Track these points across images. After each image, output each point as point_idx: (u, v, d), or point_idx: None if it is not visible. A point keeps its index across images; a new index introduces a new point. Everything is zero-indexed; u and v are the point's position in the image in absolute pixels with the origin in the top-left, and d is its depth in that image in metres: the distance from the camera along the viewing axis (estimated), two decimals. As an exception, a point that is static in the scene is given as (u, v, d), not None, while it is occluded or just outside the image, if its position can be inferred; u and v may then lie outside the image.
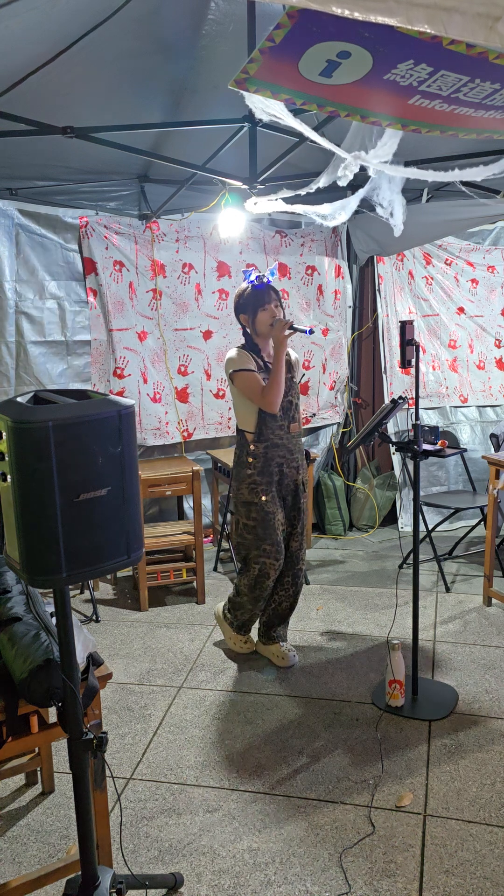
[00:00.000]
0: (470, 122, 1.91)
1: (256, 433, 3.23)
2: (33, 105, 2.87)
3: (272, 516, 3.25)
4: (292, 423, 3.29)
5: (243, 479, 3.26)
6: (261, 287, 3.21)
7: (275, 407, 3.16)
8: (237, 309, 3.29)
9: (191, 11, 2.58)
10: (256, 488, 3.24)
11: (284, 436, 3.26)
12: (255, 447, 3.23)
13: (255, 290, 3.21)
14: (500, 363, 5.57)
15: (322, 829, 2.41)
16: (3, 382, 4.27)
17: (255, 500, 3.24)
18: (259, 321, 3.21)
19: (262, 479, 3.24)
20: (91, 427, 1.53)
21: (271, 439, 3.23)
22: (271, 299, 3.20)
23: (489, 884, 2.16)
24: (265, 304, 3.19)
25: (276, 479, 3.27)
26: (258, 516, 3.24)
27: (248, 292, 3.23)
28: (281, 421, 3.24)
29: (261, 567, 3.28)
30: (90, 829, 1.78)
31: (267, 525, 3.24)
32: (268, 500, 3.24)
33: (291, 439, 3.30)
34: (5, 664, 1.88)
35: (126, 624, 3.98)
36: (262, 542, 3.25)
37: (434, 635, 3.73)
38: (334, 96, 1.76)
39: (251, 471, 3.24)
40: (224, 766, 2.74)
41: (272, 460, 3.24)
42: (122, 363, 4.64)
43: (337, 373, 5.45)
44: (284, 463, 3.28)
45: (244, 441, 3.28)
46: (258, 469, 3.23)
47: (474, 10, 1.16)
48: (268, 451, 3.24)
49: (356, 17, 1.20)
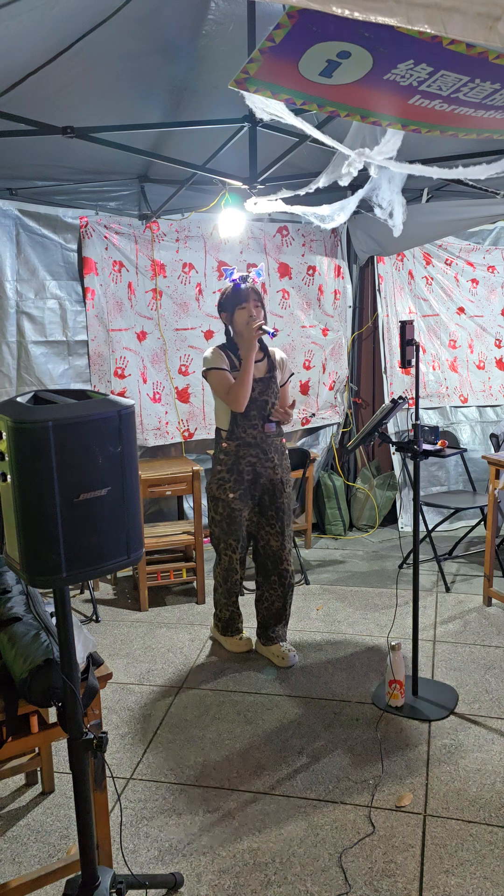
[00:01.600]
0: (470, 122, 1.91)
1: (229, 431, 3.31)
2: (33, 105, 2.87)
3: (238, 513, 3.34)
4: (267, 424, 3.33)
5: (214, 475, 3.37)
6: (241, 286, 3.24)
7: (239, 406, 3.21)
8: (218, 307, 3.37)
9: (191, 11, 2.58)
10: (224, 485, 3.32)
11: (258, 435, 3.31)
12: (227, 445, 3.32)
13: (234, 289, 3.26)
14: (500, 363, 5.57)
15: (322, 829, 2.41)
16: (5, 383, 4.27)
17: (222, 497, 3.33)
18: (236, 320, 3.26)
19: (231, 476, 3.31)
20: (91, 427, 1.53)
21: (243, 438, 3.29)
22: (249, 299, 3.23)
23: (489, 884, 2.16)
24: (243, 303, 3.23)
25: (249, 479, 3.33)
26: (224, 512, 3.34)
27: (228, 291, 3.28)
28: (254, 420, 3.29)
29: (228, 560, 3.42)
30: (90, 829, 1.78)
31: (232, 521, 3.34)
32: (234, 497, 3.32)
33: (266, 439, 3.33)
34: (5, 664, 1.88)
35: (126, 624, 3.98)
36: (228, 536, 3.38)
37: (434, 635, 3.73)
38: (334, 96, 1.76)
39: (221, 467, 3.34)
40: (224, 766, 2.74)
41: (242, 459, 3.30)
42: (123, 363, 4.64)
43: (337, 373, 5.45)
44: (257, 462, 3.32)
45: (219, 438, 3.38)
46: (227, 466, 3.32)
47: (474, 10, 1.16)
48: (239, 450, 3.30)
49: (356, 17, 1.20)
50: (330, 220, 3.27)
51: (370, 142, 2.34)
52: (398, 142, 2.27)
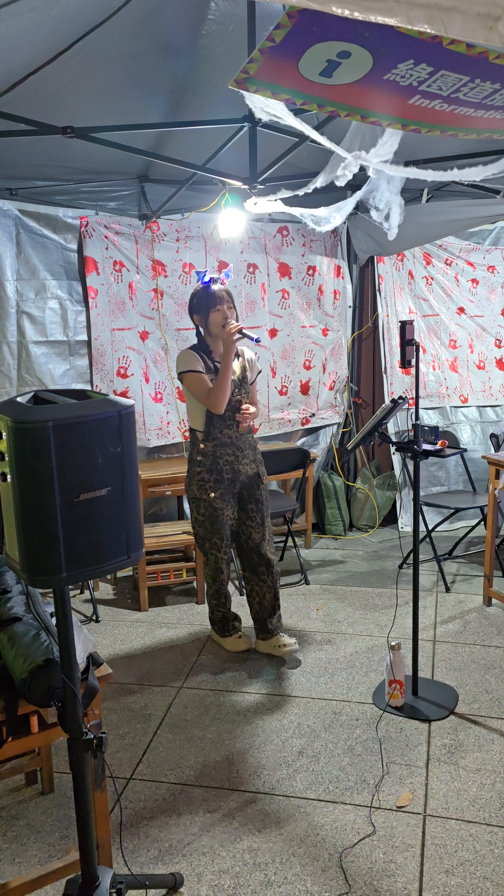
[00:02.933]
0: (470, 122, 1.91)
1: (205, 432, 3.33)
2: (33, 105, 2.87)
3: (220, 512, 3.36)
4: (241, 423, 3.36)
5: (193, 476, 3.38)
6: (209, 288, 3.25)
7: (219, 408, 3.24)
8: (190, 309, 3.36)
9: (191, 11, 2.58)
10: (205, 485, 3.34)
11: (233, 434, 3.34)
12: (205, 446, 3.33)
13: (207, 291, 3.26)
14: (500, 363, 5.57)
15: (322, 829, 2.40)
16: (6, 383, 4.27)
17: (204, 497, 3.35)
18: (211, 322, 3.27)
19: (211, 476, 3.33)
20: (91, 427, 1.53)
21: (219, 438, 3.32)
22: (223, 301, 3.25)
23: (489, 884, 2.16)
24: (217, 305, 3.24)
25: (228, 477, 3.36)
26: (206, 512, 3.36)
27: (200, 293, 3.29)
28: (229, 420, 3.32)
29: (215, 559, 3.45)
30: (90, 829, 1.78)
31: (215, 521, 3.36)
32: (216, 496, 3.34)
33: (241, 437, 3.37)
34: (5, 664, 1.88)
35: (126, 624, 3.98)
36: (212, 535, 3.40)
37: (434, 635, 3.73)
38: (334, 96, 1.76)
39: (200, 468, 3.35)
40: (224, 766, 2.74)
41: (220, 458, 3.33)
42: (125, 362, 4.64)
43: (336, 373, 5.45)
44: (235, 461, 3.36)
45: (195, 439, 3.39)
46: (206, 467, 3.34)
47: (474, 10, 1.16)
48: (216, 450, 3.32)
49: (356, 17, 1.20)
50: (326, 222, 3.27)
51: (369, 142, 2.34)
52: (395, 144, 2.27)
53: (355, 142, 2.40)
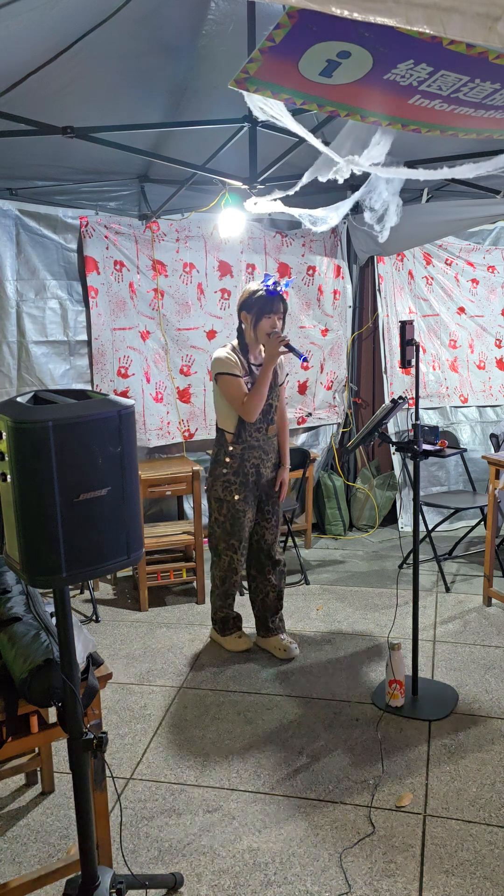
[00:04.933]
0: (470, 121, 1.91)
1: (235, 434, 3.31)
2: (33, 105, 2.87)
3: (242, 514, 3.36)
4: (270, 426, 3.37)
5: (218, 477, 3.36)
6: (274, 294, 3.22)
7: (252, 417, 3.24)
8: (243, 306, 3.28)
9: (191, 11, 2.58)
10: (230, 487, 3.33)
11: (262, 438, 3.34)
12: (234, 448, 3.32)
13: (268, 294, 3.21)
14: (500, 363, 5.57)
15: (322, 829, 2.40)
16: (5, 383, 4.27)
17: (228, 499, 3.34)
18: (260, 326, 3.23)
19: (237, 479, 3.32)
20: (91, 427, 1.53)
21: (249, 441, 3.31)
22: (278, 310, 3.22)
23: (489, 884, 2.16)
24: (271, 312, 3.21)
25: (252, 480, 3.36)
26: (229, 514, 3.36)
27: (259, 294, 3.22)
28: (259, 424, 3.31)
29: (229, 560, 3.44)
30: (90, 829, 1.78)
31: (236, 522, 3.36)
32: (240, 499, 3.34)
33: (268, 440, 3.37)
34: (5, 664, 1.88)
35: (126, 624, 3.98)
36: (231, 537, 3.39)
37: (434, 635, 3.73)
38: (334, 96, 1.76)
39: (226, 470, 3.33)
40: (224, 766, 2.74)
41: (248, 461, 3.32)
42: (126, 362, 4.64)
43: (335, 373, 5.45)
44: (260, 464, 3.36)
45: (223, 440, 3.36)
46: (233, 469, 3.32)
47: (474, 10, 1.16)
48: (244, 453, 3.32)
49: (356, 18, 1.20)
50: (322, 223, 3.27)
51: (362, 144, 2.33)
52: (387, 146, 2.26)
53: (347, 142, 2.39)
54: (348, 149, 2.36)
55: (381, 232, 3.29)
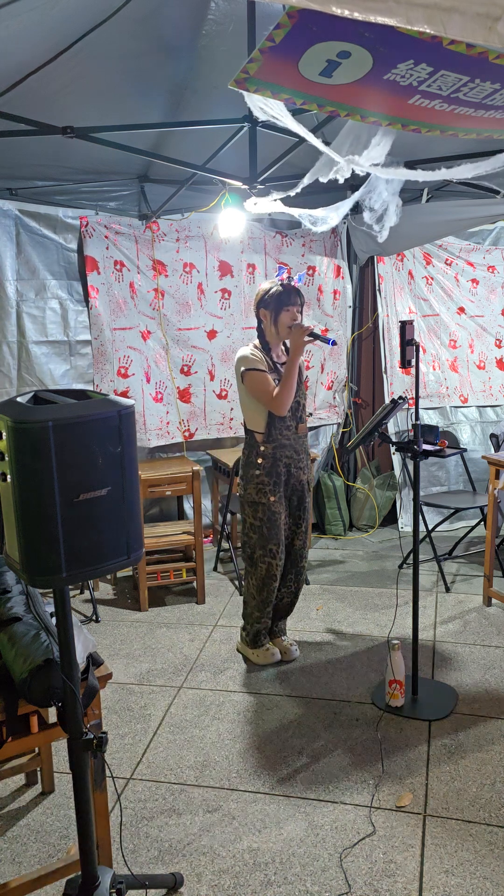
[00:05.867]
0: (470, 121, 1.91)
1: (266, 434, 3.24)
2: (33, 105, 2.87)
3: (278, 517, 3.27)
4: (300, 424, 3.31)
5: (251, 480, 3.27)
6: (290, 287, 3.20)
7: (283, 410, 3.18)
8: (260, 303, 3.25)
9: (191, 11, 2.58)
10: (264, 489, 3.25)
11: (292, 436, 3.28)
12: (265, 447, 3.24)
13: (284, 289, 3.19)
14: (500, 363, 5.57)
15: (322, 829, 2.40)
16: (5, 383, 4.27)
17: (263, 501, 3.25)
18: (281, 321, 3.19)
19: (270, 479, 3.25)
20: (91, 427, 1.53)
21: (279, 440, 3.24)
22: (296, 302, 3.19)
23: (489, 884, 2.16)
24: (290, 305, 3.18)
25: (284, 480, 3.29)
26: (264, 516, 3.26)
27: (275, 289, 3.20)
28: (289, 422, 3.26)
29: (267, 567, 3.31)
30: (90, 829, 1.78)
31: (273, 525, 3.27)
32: (275, 500, 3.26)
33: (298, 440, 3.31)
34: (5, 664, 1.88)
35: (126, 624, 3.98)
36: (268, 542, 3.28)
37: (434, 635, 3.73)
38: (334, 96, 1.76)
39: (259, 471, 3.25)
40: (224, 766, 2.74)
41: (280, 461, 3.25)
42: (126, 362, 4.64)
43: (335, 373, 5.45)
44: (291, 463, 3.29)
45: (253, 441, 3.28)
46: (266, 469, 3.24)
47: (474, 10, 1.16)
48: (276, 452, 3.24)
49: (356, 17, 1.20)
50: (322, 223, 3.27)
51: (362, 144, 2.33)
52: (387, 146, 2.26)
53: (347, 141, 2.39)
54: (348, 149, 2.36)
55: (380, 232, 3.28)
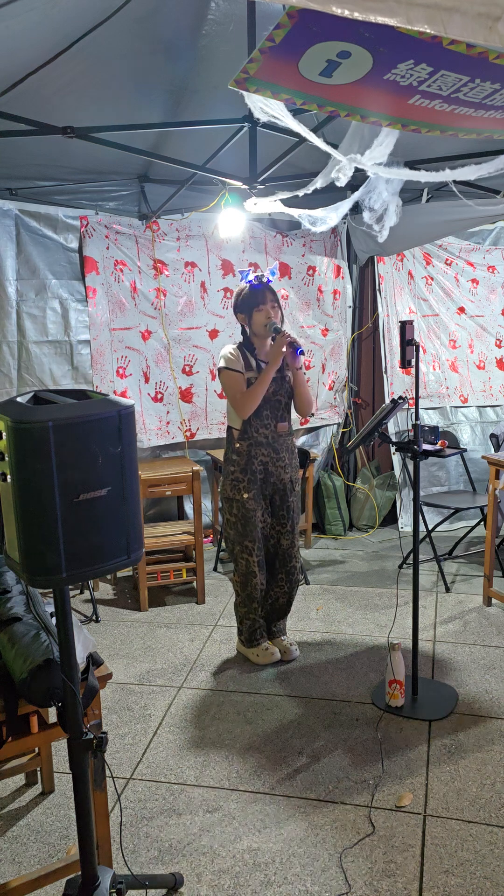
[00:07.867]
0: (470, 121, 1.91)
1: (241, 431, 3.29)
2: (33, 105, 2.87)
3: (253, 514, 3.31)
4: (280, 423, 3.32)
5: (227, 476, 3.34)
6: (258, 287, 3.22)
7: (246, 414, 3.22)
8: (235, 308, 3.33)
9: (191, 11, 2.58)
10: (238, 485, 3.30)
11: (270, 435, 3.30)
12: (239, 445, 3.30)
13: (251, 289, 3.23)
14: (500, 363, 5.57)
15: (322, 829, 2.40)
16: (5, 383, 4.27)
17: (237, 497, 3.30)
18: (255, 321, 3.24)
19: (245, 476, 3.29)
20: (91, 427, 1.53)
21: (255, 437, 3.28)
22: (267, 300, 3.21)
23: (489, 884, 2.16)
24: (260, 304, 3.21)
25: (261, 478, 3.31)
26: (239, 513, 3.31)
27: (245, 292, 3.26)
28: (267, 420, 3.28)
29: (245, 563, 3.36)
30: (90, 829, 1.78)
31: (248, 522, 3.31)
32: (249, 497, 3.29)
33: (278, 438, 3.33)
34: (5, 664, 1.88)
35: (126, 624, 3.98)
36: (244, 538, 3.33)
37: (434, 635, 3.73)
38: (334, 96, 1.76)
39: (234, 468, 3.31)
40: (224, 766, 2.74)
41: (255, 458, 3.29)
42: (124, 363, 4.64)
43: (336, 373, 5.45)
44: (269, 462, 3.31)
45: (231, 438, 3.35)
46: (241, 466, 3.29)
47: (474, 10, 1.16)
48: (251, 450, 3.28)
49: (356, 17, 1.20)
50: (322, 223, 3.27)
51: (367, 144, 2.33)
52: (390, 146, 2.27)
53: (354, 143, 2.40)
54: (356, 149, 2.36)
55: (380, 232, 3.29)
